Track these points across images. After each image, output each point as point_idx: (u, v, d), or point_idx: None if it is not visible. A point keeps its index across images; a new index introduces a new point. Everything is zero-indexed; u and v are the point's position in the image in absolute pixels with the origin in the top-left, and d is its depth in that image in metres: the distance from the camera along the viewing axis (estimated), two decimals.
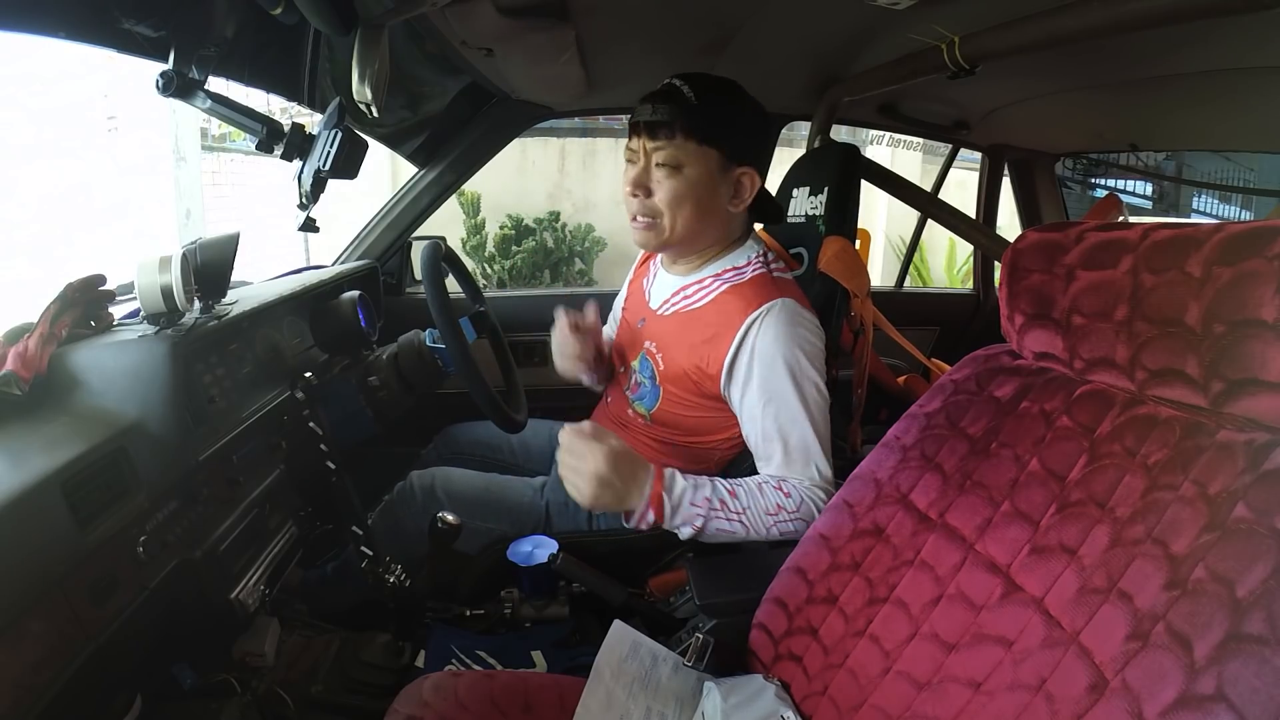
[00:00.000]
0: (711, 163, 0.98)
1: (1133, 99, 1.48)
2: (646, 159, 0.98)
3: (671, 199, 0.98)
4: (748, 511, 0.92)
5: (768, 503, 0.92)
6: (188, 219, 4.08)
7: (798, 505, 0.93)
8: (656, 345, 1.07)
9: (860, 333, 1.35)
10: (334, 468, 1.02)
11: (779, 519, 0.92)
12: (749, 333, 0.96)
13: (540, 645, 1.03)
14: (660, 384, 1.06)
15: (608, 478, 0.85)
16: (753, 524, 0.92)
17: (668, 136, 0.96)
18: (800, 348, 0.95)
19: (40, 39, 0.80)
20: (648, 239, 1.03)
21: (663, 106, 0.96)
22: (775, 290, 0.98)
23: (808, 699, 0.72)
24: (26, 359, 0.71)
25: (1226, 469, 0.49)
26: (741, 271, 1.03)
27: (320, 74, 1.18)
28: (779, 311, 0.95)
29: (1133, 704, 0.46)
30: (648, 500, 0.88)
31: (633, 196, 1.00)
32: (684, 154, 0.96)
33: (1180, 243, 0.56)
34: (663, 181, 0.98)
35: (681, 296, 1.06)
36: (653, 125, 0.96)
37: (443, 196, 1.69)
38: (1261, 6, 0.73)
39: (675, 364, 1.03)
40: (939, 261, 5.33)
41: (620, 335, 1.20)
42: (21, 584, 0.58)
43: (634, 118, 0.99)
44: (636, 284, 1.21)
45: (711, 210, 1.01)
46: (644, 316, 1.12)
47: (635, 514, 0.89)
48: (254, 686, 0.93)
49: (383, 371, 1.14)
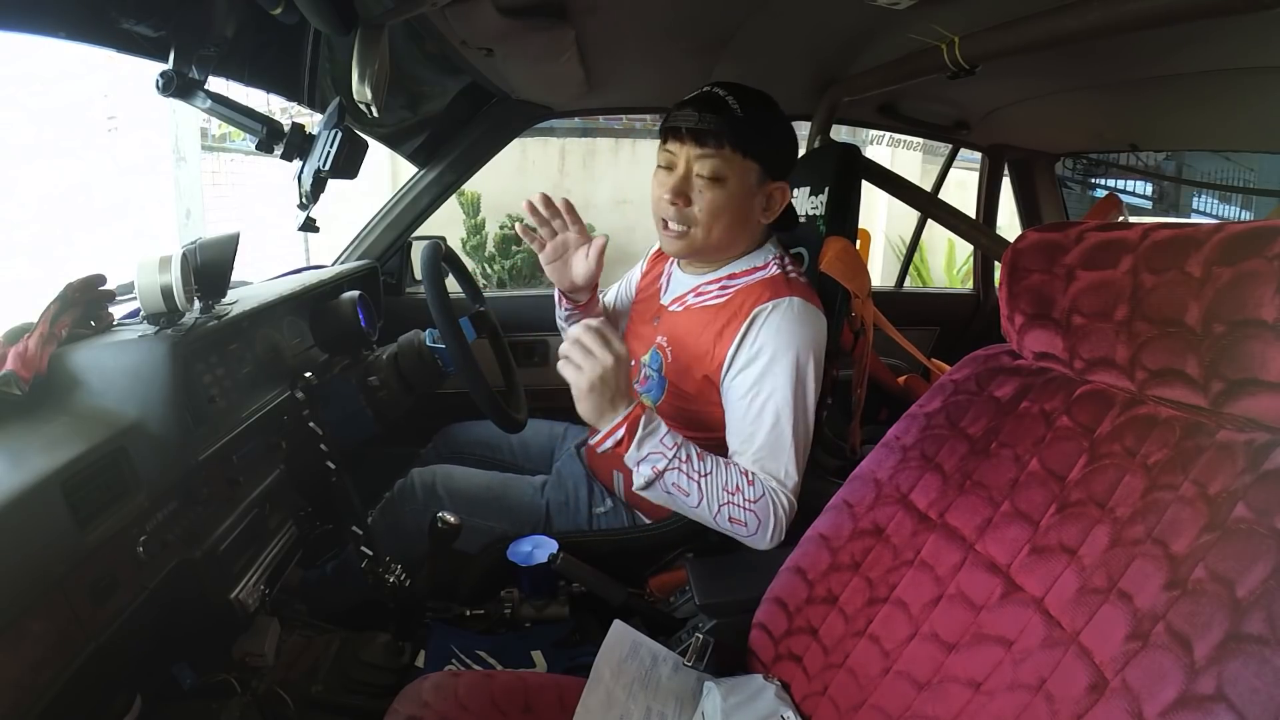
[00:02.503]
0: (751, 177, 0.98)
1: (1133, 99, 1.48)
2: (687, 167, 0.97)
3: (711, 210, 0.98)
4: (708, 478, 0.90)
5: (729, 480, 0.91)
6: (188, 219, 4.08)
7: (757, 497, 0.91)
8: (667, 340, 1.08)
9: (861, 333, 1.35)
10: (334, 468, 1.02)
11: (734, 500, 0.91)
12: (754, 322, 0.96)
13: (540, 645, 1.03)
14: (666, 375, 1.07)
15: (608, 378, 0.86)
16: (708, 493, 0.90)
17: (715, 146, 0.95)
18: (802, 347, 0.95)
19: (40, 39, 0.80)
20: (679, 247, 1.03)
21: (710, 115, 0.94)
22: (788, 289, 0.99)
23: (808, 699, 0.72)
24: (26, 359, 0.71)
25: (1226, 469, 0.49)
26: (760, 271, 1.03)
27: (320, 74, 1.18)
28: (787, 308, 0.96)
29: (1133, 704, 0.46)
30: (624, 417, 0.87)
31: (671, 204, 0.99)
32: (729, 166, 0.96)
33: (1180, 243, 0.56)
34: (704, 192, 0.97)
35: (695, 294, 1.07)
36: (699, 133, 0.95)
37: (443, 196, 1.69)
38: (1261, 6, 0.73)
39: (682, 355, 1.04)
40: (939, 261, 5.33)
41: (632, 330, 1.21)
42: (21, 584, 0.58)
43: (673, 122, 0.98)
44: (651, 277, 1.21)
45: (745, 223, 1.02)
46: (659, 315, 1.13)
47: (605, 429, 0.88)
48: (254, 686, 0.93)
49: (383, 371, 1.14)
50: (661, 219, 1.02)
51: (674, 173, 0.99)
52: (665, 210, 1.00)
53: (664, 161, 1.01)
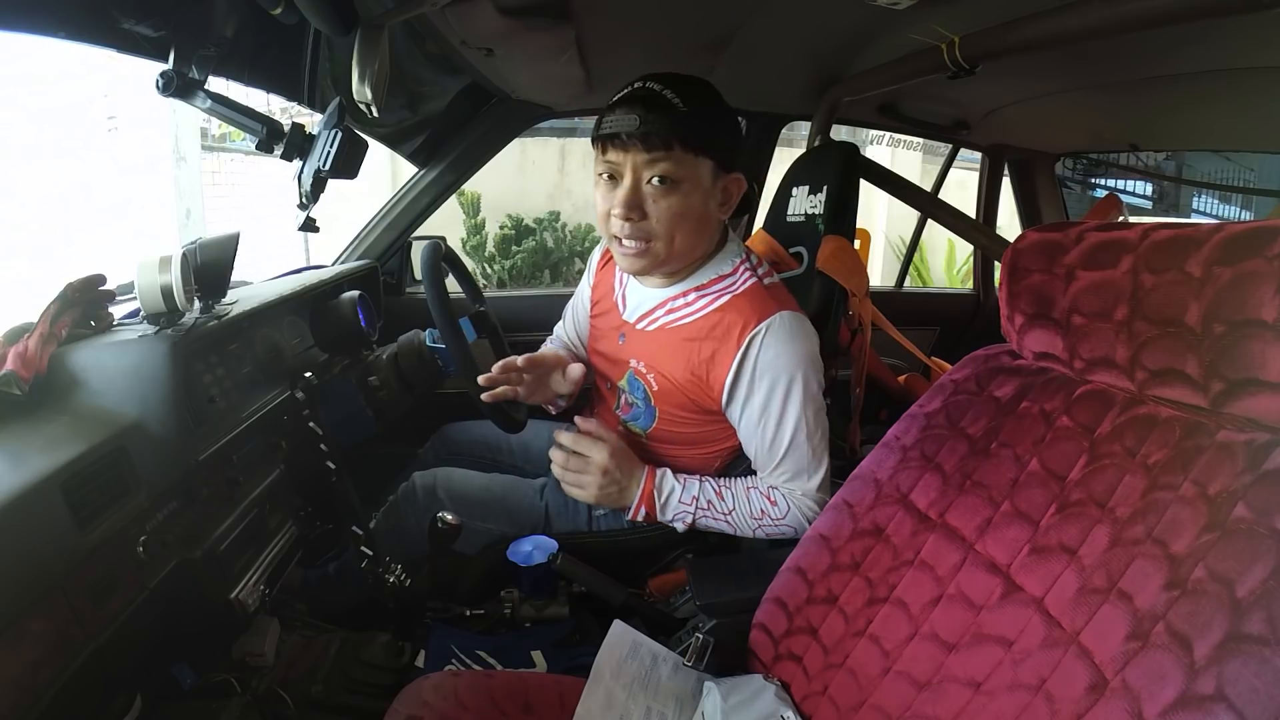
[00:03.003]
0: (706, 174, 0.90)
1: (1133, 99, 1.48)
2: (635, 175, 0.89)
3: (670, 219, 0.89)
4: (734, 513, 0.98)
5: (753, 508, 0.98)
6: (188, 219, 4.08)
7: (784, 513, 0.97)
8: (646, 365, 1.01)
9: (858, 331, 1.35)
10: (334, 468, 1.02)
11: (763, 523, 0.98)
12: (749, 350, 0.92)
13: (540, 645, 1.03)
14: (656, 404, 1.02)
15: (613, 472, 0.97)
16: (739, 524, 0.99)
17: (664, 149, 0.86)
18: (801, 363, 0.93)
19: (40, 39, 0.80)
20: (641, 265, 0.94)
21: (651, 115, 0.86)
22: (773, 303, 0.94)
23: (808, 699, 0.72)
24: (26, 359, 0.71)
25: (1226, 469, 0.49)
26: (731, 281, 0.97)
27: (320, 74, 1.18)
28: (778, 327, 0.92)
29: (1133, 704, 0.46)
30: (639, 497, 0.99)
31: (624, 220, 0.90)
32: (682, 167, 0.88)
33: (1180, 243, 0.56)
34: (658, 200, 0.89)
35: (666, 311, 1.00)
36: (644, 136, 0.86)
37: (443, 196, 1.69)
38: (1261, 6, 0.73)
39: (671, 384, 0.99)
40: (939, 261, 5.33)
41: (597, 349, 1.13)
42: (21, 584, 0.58)
43: (612, 127, 0.87)
44: (604, 287, 1.12)
45: (706, 224, 0.94)
46: (623, 331, 1.06)
47: (631, 509, 0.99)
48: (254, 686, 0.93)
49: (383, 371, 1.14)
50: (615, 236, 0.92)
51: (621, 183, 0.90)
52: (617, 227, 0.91)
53: (605, 171, 0.91)
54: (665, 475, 0.99)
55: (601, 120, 0.90)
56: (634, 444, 1.06)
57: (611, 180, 0.92)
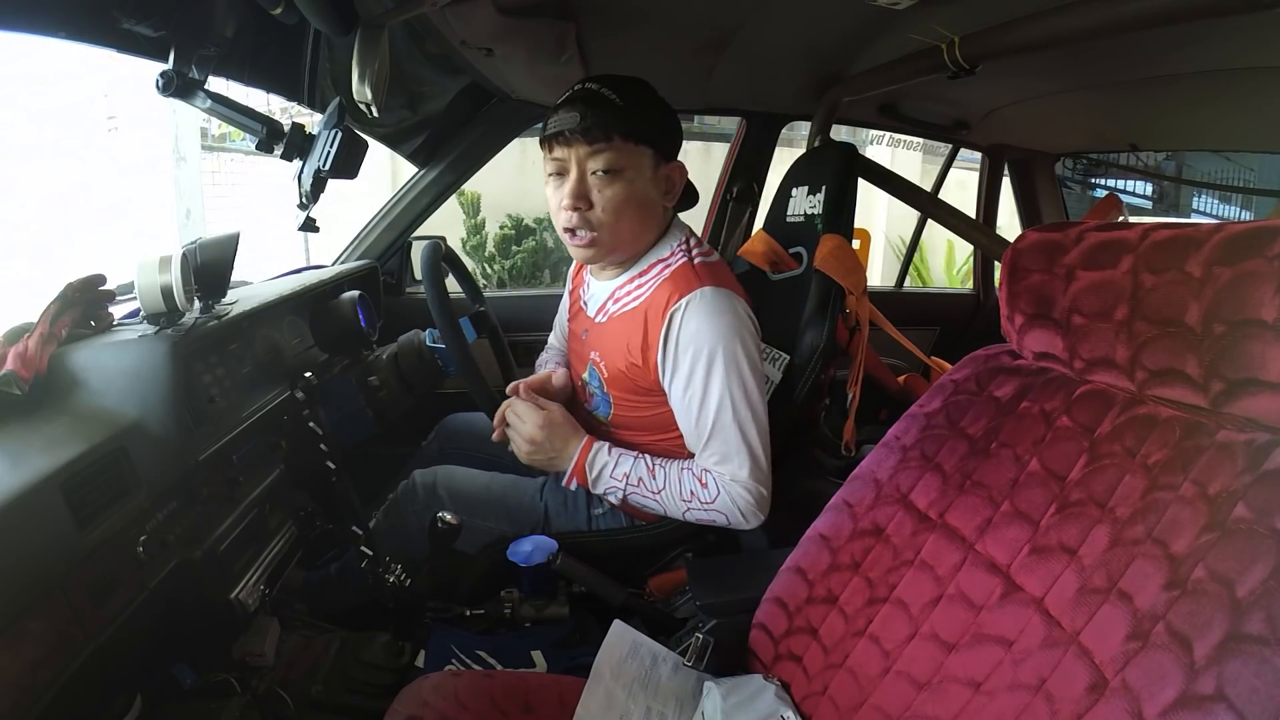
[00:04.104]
0: (646, 162, 0.96)
1: (1133, 99, 1.48)
2: (580, 168, 0.94)
3: (614, 206, 0.95)
4: (663, 492, 1.00)
5: (683, 489, 1.00)
6: (188, 219, 4.08)
7: (713, 497, 0.98)
8: (599, 354, 1.06)
9: (856, 330, 1.35)
10: (334, 468, 1.02)
11: (692, 505, 1.00)
12: (670, 324, 0.95)
13: (540, 645, 1.03)
14: (609, 391, 1.06)
15: (540, 442, 1.03)
16: (668, 504, 1.01)
17: (605, 140, 0.92)
18: (726, 335, 0.94)
19: (40, 39, 0.80)
20: (591, 254, 1.00)
21: (591, 111, 0.92)
22: (696, 279, 0.96)
23: (808, 699, 0.72)
24: (26, 359, 0.71)
25: (1226, 469, 0.49)
26: (668, 263, 1.00)
27: (320, 74, 1.18)
28: (698, 301, 0.94)
29: (1133, 704, 0.46)
30: (572, 469, 1.03)
31: (573, 211, 0.95)
32: (623, 156, 0.93)
33: (1180, 243, 0.56)
34: (603, 190, 0.94)
35: (613, 300, 1.05)
36: (585, 130, 0.92)
37: (443, 196, 1.69)
38: (1261, 6, 0.73)
39: (616, 369, 1.03)
40: (939, 261, 5.33)
41: (571, 349, 1.19)
42: (21, 584, 0.58)
43: (556, 126, 0.94)
44: (575, 292, 1.18)
45: (649, 212, 0.99)
46: (586, 328, 1.11)
47: (564, 477, 1.04)
48: (254, 686, 0.93)
49: (383, 371, 1.14)
50: (566, 230, 0.98)
51: (567, 178, 0.95)
52: (567, 219, 0.97)
53: (554, 169, 0.97)
54: (601, 450, 1.02)
55: (547, 123, 0.96)
56: (598, 430, 1.10)
57: (559, 176, 0.97)
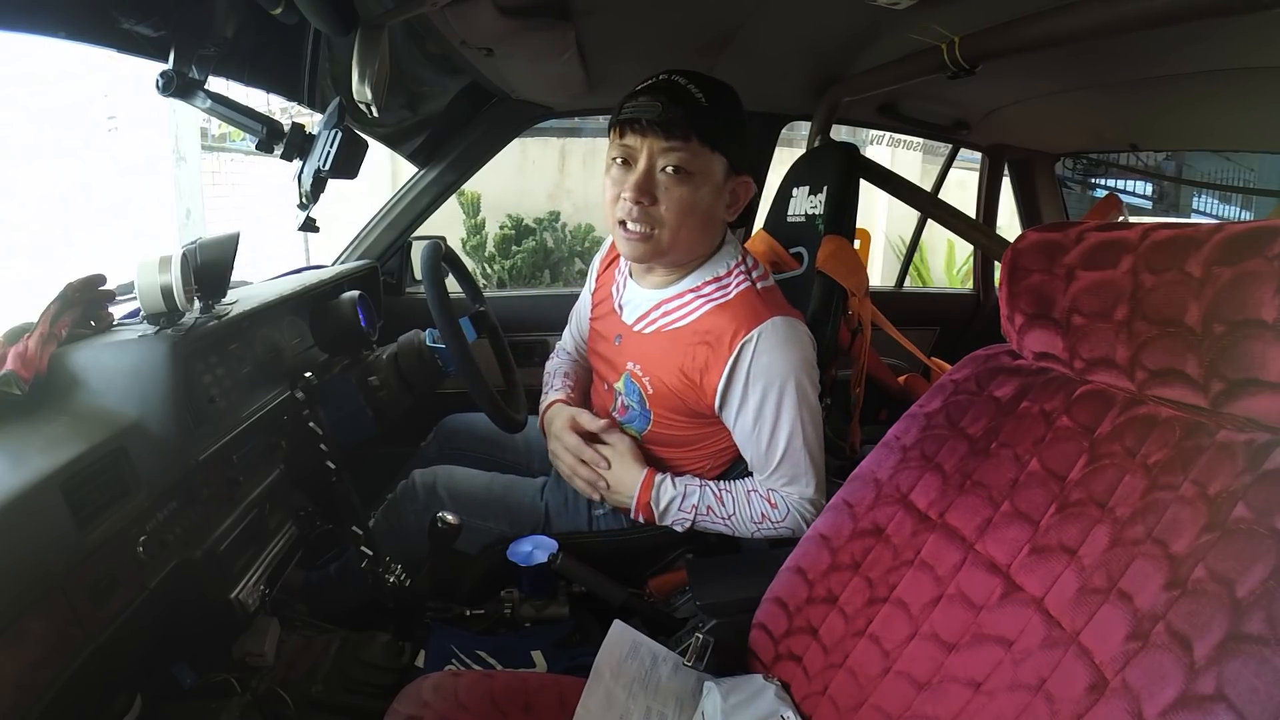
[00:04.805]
0: (718, 171, 0.92)
1: (1133, 99, 1.48)
2: (650, 161, 0.89)
3: (679, 209, 0.90)
4: (733, 517, 1.00)
5: (754, 511, 0.99)
6: (188, 219, 4.08)
7: (783, 516, 0.99)
8: (641, 368, 1.02)
9: (858, 331, 1.35)
10: (334, 468, 1.02)
11: (763, 526, 1.00)
12: (741, 356, 0.92)
13: (540, 645, 1.03)
14: (650, 408, 1.02)
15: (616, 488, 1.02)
16: (739, 527, 1.00)
17: (682, 138, 0.87)
18: (795, 369, 0.92)
19: (40, 39, 0.80)
20: (642, 251, 0.94)
21: (673, 105, 0.87)
22: (765, 309, 0.93)
23: (808, 699, 0.72)
24: (26, 359, 0.71)
25: (1226, 469, 0.49)
26: (725, 284, 0.97)
27: (320, 74, 1.18)
28: (770, 334, 0.91)
29: (1133, 704, 0.46)
30: (635, 505, 1.02)
31: (634, 203, 0.90)
32: (697, 160, 0.89)
33: (1180, 243, 0.56)
34: (671, 189, 0.89)
35: (661, 314, 1.00)
36: (664, 124, 0.87)
37: (443, 196, 1.69)
38: (1261, 6, 0.73)
39: (664, 388, 0.99)
40: (939, 261, 5.33)
41: (596, 350, 1.14)
42: (21, 584, 0.58)
43: (632, 112, 0.89)
44: (604, 290, 1.13)
45: (712, 222, 0.95)
46: (620, 333, 1.06)
47: (630, 513, 1.03)
48: (254, 686, 0.93)
49: (383, 371, 1.14)
50: (619, 220, 0.92)
51: (634, 168, 0.90)
52: (625, 210, 0.91)
53: (620, 155, 0.91)
54: (662, 485, 1.01)
55: (622, 106, 0.91)
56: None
57: (625, 165, 0.92)
